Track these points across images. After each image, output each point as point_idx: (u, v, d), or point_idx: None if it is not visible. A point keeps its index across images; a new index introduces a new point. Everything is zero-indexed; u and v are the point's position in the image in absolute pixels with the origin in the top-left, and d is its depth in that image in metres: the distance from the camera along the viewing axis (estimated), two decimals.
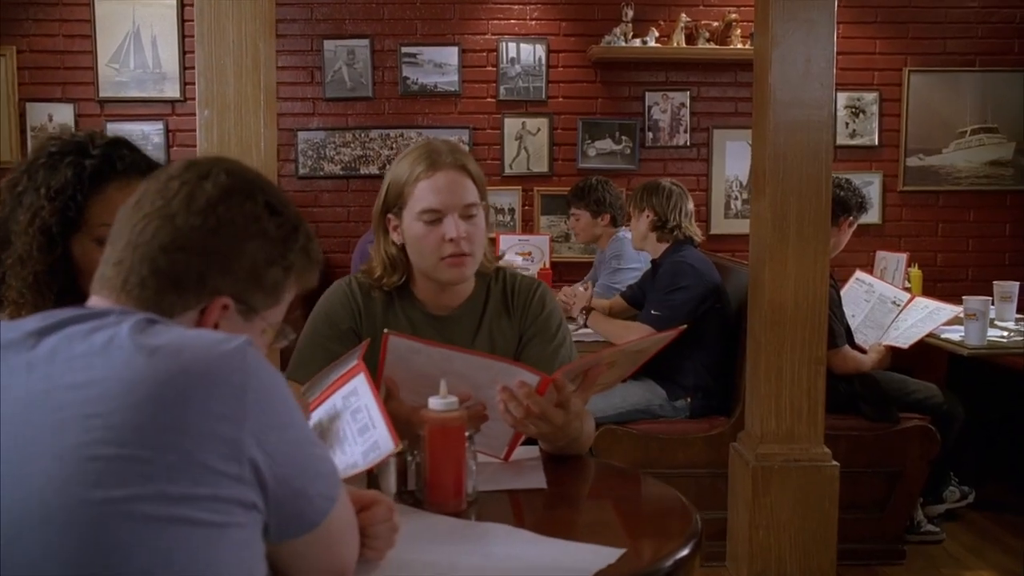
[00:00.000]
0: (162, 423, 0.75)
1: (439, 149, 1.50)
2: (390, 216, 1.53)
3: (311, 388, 1.33)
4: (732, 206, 4.51)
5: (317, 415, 1.24)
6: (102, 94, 4.29)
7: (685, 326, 1.38)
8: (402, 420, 1.31)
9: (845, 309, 2.97)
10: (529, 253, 4.23)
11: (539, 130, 4.42)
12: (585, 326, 2.97)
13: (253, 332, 0.92)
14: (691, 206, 3.03)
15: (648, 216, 2.97)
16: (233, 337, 0.82)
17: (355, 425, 1.17)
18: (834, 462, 2.50)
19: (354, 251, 3.93)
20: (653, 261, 3.06)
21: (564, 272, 4.36)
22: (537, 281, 1.63)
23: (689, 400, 2.89)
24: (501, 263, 3.37)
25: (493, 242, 4.13)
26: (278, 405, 0.82)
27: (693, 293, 2.82)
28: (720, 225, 4.50)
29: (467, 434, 1.20)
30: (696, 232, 3.02)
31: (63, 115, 4.27)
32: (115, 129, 4.28)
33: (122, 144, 1.27)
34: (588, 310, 3.01)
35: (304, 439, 0.85)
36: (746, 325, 2.63)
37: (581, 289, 3.21)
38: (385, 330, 1.30)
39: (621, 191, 4.22)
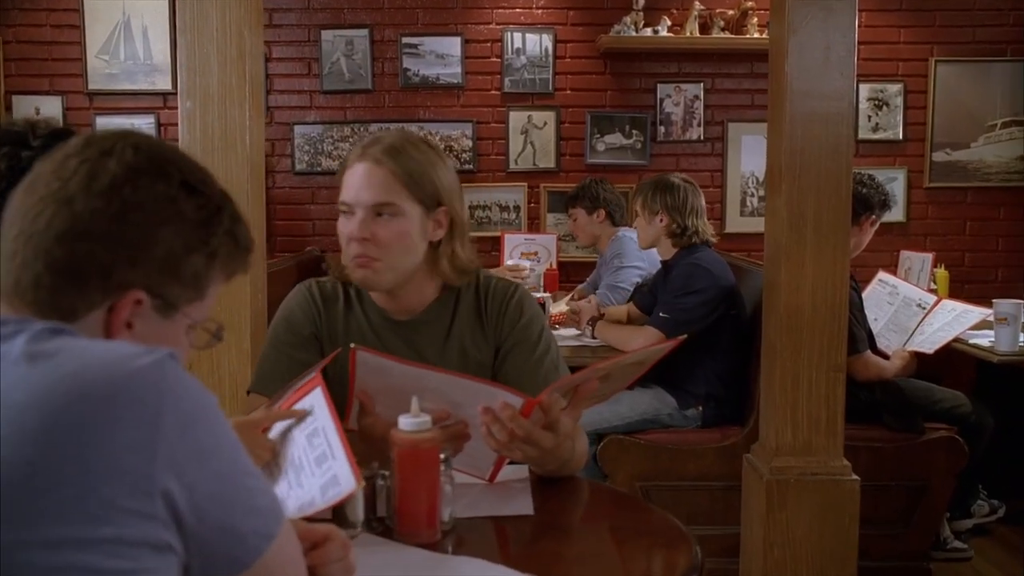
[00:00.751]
0: (59, 455, 0.66)
1: (375, 140, 1.43)
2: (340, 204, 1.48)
3: (276, 403, 1.23)
4: (748, 203, 4.44)
5: (271, 434, 1.14)
6: (91, 86, 4.26)
7: (685, 337, 1.29)
8: (377, 437, 1.22)
9: (867, 312, 2.90)
10: (535, 253, 4.20)
11: (546, 124, 4.36)
12: (593, 337, 2.91)
13: (176, 331, 0.83)
14: (703, 201, 2.97)
15: (663, 221, 2.89)
16: (151, 351, 0.73)
17: (312, 452, 1.07)
18: (854, 476, 2.42)
19: None
20: (664, 262, 3.00)
21: (572, 272, 4.32)
22: (513, 284, 1.53)
23: (700, 409, 2.82)
24: (507, 274, 3.33)
25: (500, 247, 4.06)
26: (202, 430, 0.73)
27: (706, 296, 2.76)
28: (735, 223, 4.43)
29: (442, 456, 1.11)
30: (710, 232, 2.95)
31: (51, 108, 4.24)
32: (104, 123, 4.26)
33: (67, 135, 1.18)
34: (595, 320, 2.94)
35: (234, 469, 0.76)
36: (761, 330, 2.56)
37: (586, 303, 3.16)
38: (352, 344, 1.21)
39: (630, 188, 4.17)
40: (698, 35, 4.20)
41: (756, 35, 4.17)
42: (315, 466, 1.05)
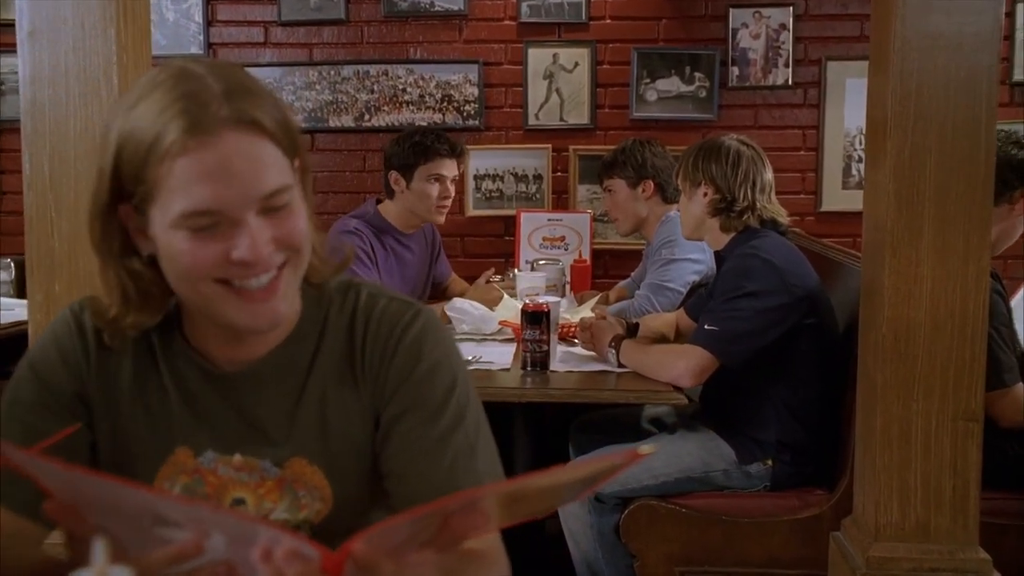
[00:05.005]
0: None
1: (203, 91, 1.04)
2: (124, 207, 1.09)
3: None
4: (854, 171, 4.35)
5: None
6: None
7: (650, 451, 0.92)
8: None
9: (1018, 327, 2.70)
10: (562, 238, 4.16)
11: (577, 65, 4.27)
12: (620, 365, 2.69)
13: None
14: (770, 175, 2.76)
15: (706, 194, 2.72)
16: None
17: None
18: (997, 574, 2.22)
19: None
20: (717, 254, 2.82)
21: (610, 265, 4.24)
22: (411, 308, 1.20)
23: (770, 464, 2.63)
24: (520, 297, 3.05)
25: (515, 230, 3.77)
26: None
27: (767, 302, 2.54)
28: (835, 199, 4.30)
29: None
30: (779, 212, 2.74)
31: None
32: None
33: None
34: (620, 338, 2.73)
35: None
36: (858, 353, 2.39)
37: (614, 315, 2.97)
38: None
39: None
40: None
41: None
42: None
